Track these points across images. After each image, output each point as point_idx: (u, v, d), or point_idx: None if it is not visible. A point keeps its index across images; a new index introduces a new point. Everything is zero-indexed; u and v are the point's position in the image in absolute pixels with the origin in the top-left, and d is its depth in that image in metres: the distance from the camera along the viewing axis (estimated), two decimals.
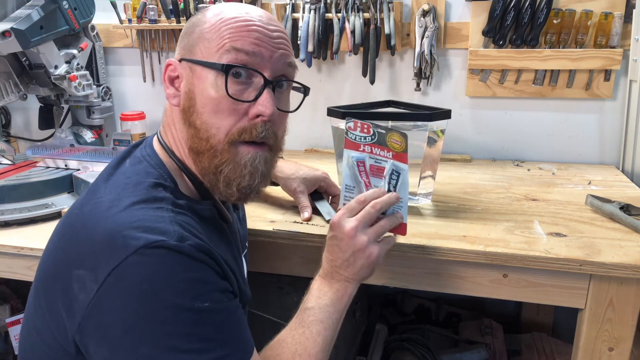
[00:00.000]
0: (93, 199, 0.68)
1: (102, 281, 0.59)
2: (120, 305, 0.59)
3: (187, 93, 0.72)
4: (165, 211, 0.65)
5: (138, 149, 0.77)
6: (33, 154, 1.52)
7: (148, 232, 0.60)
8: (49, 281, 0.67)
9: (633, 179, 1.36)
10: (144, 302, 0.58)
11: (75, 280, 0.62)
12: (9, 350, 1.41)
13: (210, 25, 0.72)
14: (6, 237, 1.15)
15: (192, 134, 0.72)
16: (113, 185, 0.70)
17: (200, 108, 0.71)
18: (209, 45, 0.71)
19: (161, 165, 0.73)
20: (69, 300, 0.62)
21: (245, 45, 0.70)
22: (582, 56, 1.40)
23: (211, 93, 0.70)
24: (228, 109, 0.70)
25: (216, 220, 0.78)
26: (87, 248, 0.62)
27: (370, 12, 1.48)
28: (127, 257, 0.59)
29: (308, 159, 1.55)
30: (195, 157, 0.73)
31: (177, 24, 1.61)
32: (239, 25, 0.70)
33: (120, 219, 0.62)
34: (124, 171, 0.73)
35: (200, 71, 0.71)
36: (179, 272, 0.60)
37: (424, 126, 1.08)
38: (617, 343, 0.89)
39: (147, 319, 0.58)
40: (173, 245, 0.60)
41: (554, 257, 0.86)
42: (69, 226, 0.69)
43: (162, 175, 0.72)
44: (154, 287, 0.59)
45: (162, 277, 0.59)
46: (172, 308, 0.59)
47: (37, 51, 1.38)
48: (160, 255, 0.60)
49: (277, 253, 1.02)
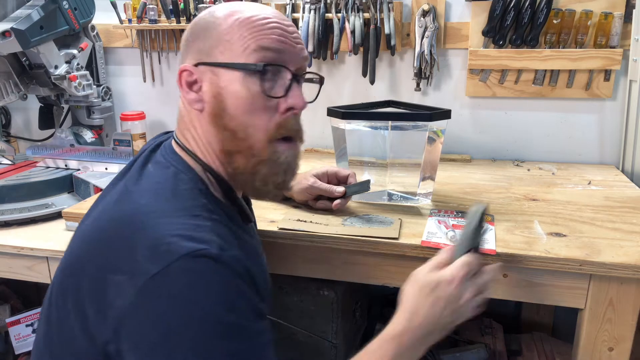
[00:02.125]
0: (127, 204, 0.67)
1: (140, 287, 0.58)
2: (159, 312, 0.58)
3: (215, 97, 0.72)
4: (203, 219, 0.65)
5: (158, 154, 0.76)
6: (33, 154, 1.52)
7: (190, 240, 0.60)
8: (86, 284, 0.65)
9: (633, 179, 1.36)
10: (181, 312, 0.58)
11: (112, 285, 0.61)
12: (9, 350, 1.41)
13: (228, 27, 0.72)
14: (6, 237, 1.16)
15: (226, 136, 0.72)
16: (146, 190, 0.69)
17: (233, 110, 0.71)
18: (231, 47, 0.71)
19: (190, 169, 0.73)
20: (103, 306, 0.61)
21: (271, 43, 0.71)
22: (582, 56, 1.40)
23: (243, 93, 0.70)
24: (262, 107, 0.71)
25: (241, 222, 0.78)
26: (125, 254, 0.62)
27: (370, 12, 1.48)
28: (170, 264, 0.58)
29: (308, 159, 1.55)
30: (228, 158, 0.74)
31: (177, 24, 1.61)
32: (260, 24, 0.71)
33: (161, 226, 0.62)
34: (152, 175, 0.72)
35: (225, 73, 0.71)
36: (220, 285, 0.60)
37: (424, 126, 1.08)
38: (617, 343, 0.89)
39: (183, 329, 0.58)
40: (215, 254, 0.60)
41: (554, 257, 0.86)
42: (102, 231, 0.67)
43: (193, 179, 0.72)
44: (193, 297, 0.59)
45: (202, 288, 0.59)
46: (209, 320, 0.59)
47: (37, 51, 1.38)
48: (202, 264, 0.60)
49: (277, 253, 1.02)
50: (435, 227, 0.98)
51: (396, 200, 1.13)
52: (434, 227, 0.98)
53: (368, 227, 0.98)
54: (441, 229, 0.96)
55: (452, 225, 0.97)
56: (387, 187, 1.13)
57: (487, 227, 0.79)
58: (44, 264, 1.12)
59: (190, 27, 0.77)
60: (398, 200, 1.13)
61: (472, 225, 0.79)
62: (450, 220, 1.00)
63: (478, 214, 0.79)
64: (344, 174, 1.07)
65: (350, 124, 1.10)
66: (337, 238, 0.96)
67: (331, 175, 1.07)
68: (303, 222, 1.01)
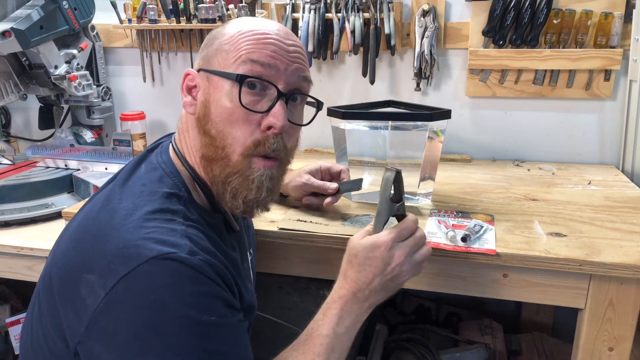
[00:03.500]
0: (109, 205, 0.69)
1: (110, 288, 0.60)
2: (128, 313, 0.59)
3: (203, 102, 0.74)
4: (177, 224, 0.66)
5: (154, 154, 0.78)
6: (33, 154, 1.52)
7: (160, 244, 0.62)
8: (60, 283, 0.67)
9: (633, 179, 1.36)
10: (151, 313, 0.59)
11: (85, 284, 0.62)
12: (9, 350, 1.41)
13: (229, 38, 0.73)
14: (6, 237, 1.16)
15: (206, 142, 0.73)
16: (129, 193, 0.70)
17: (215, 117, 0.72)
18: (226, 57, 0.72)
19: (176, 173, 0.74)
20: (77, 304, 0.63)
21: (260, 57, 0.71)
22: (582, 56, 1.40)
23: (226, 102, 0.71)
24: (242, 119, 0.71)
25: (224, 230, 0.79)
26: (99, 254, 0.63)
27: (370, 12, 1.48)
28: (138, 266, 0.60)
29: (308, 159, 1.55)
30: (206, 164, 0.74)
31: (177, 24, 1.61)
32: (256, 38, 0.72)
33: (133, 229, 0.63)
34: (139, 177, 0.73)
35: (216, 81, 0.73)
36: (188, 285, 0.61)
37: (424, 126, 1.08)
38: (617, 343, 0.89)
39: (154, 329, 0.59)
40: (183, 258, 0.61)
41: (554, 257, 0.86)
42: (84, 230, 0.69)
43: (177, 184, 0.73)
44: (163, 298, 0.59)
45: (171, 289, 0.60)
46: (179, 320, 0.60)
47: (37, 51, 1.38)
48: (170, 267, 0.61)
49: (277, 253, 1.02)
50: (435, 227, 0.98)
51: None
52: (434, 227, 0.98)
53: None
54: (441, 229, 0.96)
55: (452, 225, 0.97)
56: None
57: (404, 195, 0.81)
58: (44, 264, 1.12)
59: (205, 38, 0.79)
60: None
61: (385, 195, 0.78)
62: (450, 220, 1.00)
63: (389, 183, 0.78)
64: (336, 170, 1.07)
65: (350, 124, 1.10)
66: (337, 238, 0.95)
67: (324, 171, 1.07)
68: (303, 222, 1.01)
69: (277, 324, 1.14)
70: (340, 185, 1.04)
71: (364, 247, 0.76)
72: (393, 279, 0.75)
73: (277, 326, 1.14)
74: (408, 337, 1.35)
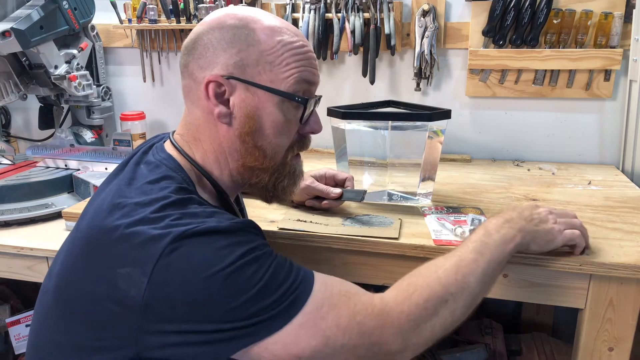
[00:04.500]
0: (120, 203, 0.68)
1: (150, 273, 0.61)
2: (177, 288, 0.61)
3: (251, 116, 0.74)
4: (195, 208, 0.68)
5: (150, 155, 0.77)
6: (33, 154, 1.52)
7: (185, 224, 0.63)
8: (85, 285, 0.66)
9: (633, 179, 1.36)
10: (197, 279, 0.61)
11: (122, 278, 0.62)
12: (9, 350, 1.41)
13: (271, 48, 0.73)
14: (6, 237, 1.16)
15: (253, 153, 0.76)
16: (138, 190, 0.70)
17: (267, 130, 0.75)
18: (272, 70, 0.74)
19: (180, 168, 0.75)
20: (119, 299, 0.63)
21: (310, 76, 0.77)
22: (582, 56, 1.40)
23: (279, 118, 0.75)
24: (290, 130, 0.78)
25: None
26: (125, 249, 0.63)
27: (370, 12, 1.48)
28: (170, 243, 0.61)
29: (308, 159, 1.55)
30: (249, 172, 0.79)
31: (177, 24, 1.61)
32: (301, 52, 0.76)
33: (154, 219, 0.64)
34: (143, 175, 0.73)
35: (264, 95, 0.74)
36: (221, 241, 0.64)
37: (424, 126, 1.08)
38: (617, 343, 0.89)
39: (206, 292, 0.61)
40: (212, 226, 0.64)
41: (554, 257, 0.86)
42: (99, 230, 0.67)
43: (184, 179, 0.74)
44: (203, 261, 0.62)
45: (208, 250, 0.62)
46: (225, 270, 0.61)
47: (37, 51, 1.38)
48: (202, 234, 0.63)
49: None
50: (437, 225, 0.98)
51: (396, 200, 1.13)
52: (436, 225, 0.98)
53: (368, 227, 0.98)
54: (445, 226, 0.97)
55: (452, 221, 0.98)
56: (387, 187, 1.13)
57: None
58: (44, 264, 1.12)
59: (218, 31, 0.73)
60: (398, 200, 1.13)
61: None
62: (447, 216, 1.00)
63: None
64: (341, 177, 1.07)
65: (350, 124, 1.10)
66: (337, 238, 0.96)
67: (329, 177, 1.08)
68: (303, 222, 1.01)
69: None
70: (344, 192, 1.04)
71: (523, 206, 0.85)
72: (542, 220, 0.82)
73: None
74: None
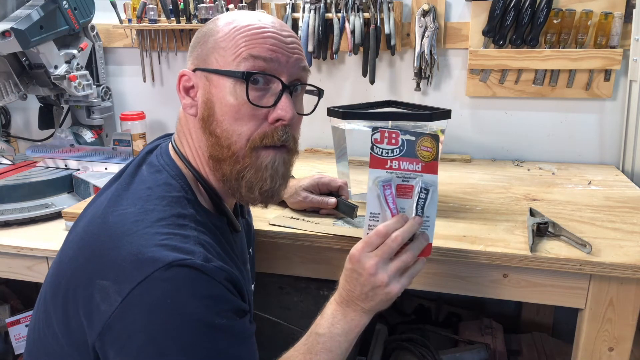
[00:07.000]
0: (117, 210, 0.68)
1: (126, 294, 0.60)
2: (144, 318, 0.60)
3: (206, 102, 0.73)
4: (190, 229, 0.67)
5: (153, 156, 0.77)
6: (33, 154, 1.52)
7: (175, 250, 0.62)
8: (71, 289, 0.66)
9: (633, 179, 1.36)
10: (167, 317, 0.60)
11: (98, 290, 0.62)
12: (8, 350, 1.41)
13: (224, 34, 0.72)
14: (6, 237, 1.16)
15: (213, 142, 0.73)
16: (136, 196, 0.69)
17: (220, 116, 0.72)
18: (224, 54, 0.72)
19: (181, 176, 0.74)
20: (90, 309, 0.62)
21: (262, 52, 0.71)
22: (582, 56, 1.40)
23: (231, 100, 0.71)
24: (248, 115, 0.72)
25: (228, 231, 0.79)
26: (112, 260, 0.63)
27: (370, 12, 1.48)
28: (154, 272, 0.60)
29: (308, 159, 1.55)
30: (215, 164, 0.74)
31: (177, 24, 1.61)
32: (254, 33, 0.71)
33: (147, 235, 0.63)
34: (143, 179, 0.73)
35: (217, 80, 0.72)
36: (203, 289, 0.62)
37: (424, 126, 1.08)
38: (617, 343, 0.89)
39: (169, 333, 0.60)
40: (199, 264, 0.62)
41: (554, 257, 0.86)
42: (92, 236, 0.68)
43: (184, 187, 0.73)
44: (178, 302, 0.60)
45: (186, 293, 0.61)
46: (193, 323, 0.60)
47: (37, 51, 1.38)
48: (186, 273, 0.61)
49: (277, 253, 1.02)
50: (378, 207, 0.79)
51: None
52: (377, 208, 0.79)
53: (356, 229, 0.99)
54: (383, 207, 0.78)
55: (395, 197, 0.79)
56: None
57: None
58: (44, 264, 1.12)
59: (195, 34, 0.78)
60: None
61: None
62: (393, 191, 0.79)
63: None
64: (335, 185, 1.06)
65: (350, 124, 1.10)
66: (337, 238, 0.96)
67: (322, 186, 1.07)
68: (295, 220, 1.02)
69: (277, 323, 1.14)
70: (339, 203, 1.04)
71: (349, 256, 0.76)
72: (374, 289, 0.74)
73: (277, 326, 1.14)
74: (408, 337, 1.35)
